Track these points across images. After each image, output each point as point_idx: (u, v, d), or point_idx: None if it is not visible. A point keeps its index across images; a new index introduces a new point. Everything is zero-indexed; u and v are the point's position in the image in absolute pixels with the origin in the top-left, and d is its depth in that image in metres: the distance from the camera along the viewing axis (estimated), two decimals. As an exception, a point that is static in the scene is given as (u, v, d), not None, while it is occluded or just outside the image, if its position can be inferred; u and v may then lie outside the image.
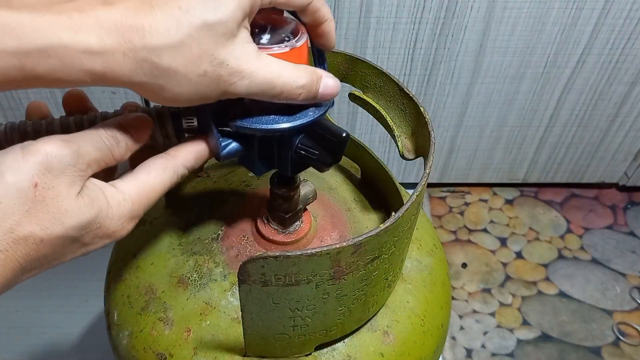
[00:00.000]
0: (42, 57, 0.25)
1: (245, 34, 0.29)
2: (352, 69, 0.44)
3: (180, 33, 0.27)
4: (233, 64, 0.28)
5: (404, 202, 0.33)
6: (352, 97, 0.45)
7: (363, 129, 1.01)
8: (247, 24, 0.29)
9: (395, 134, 0.42)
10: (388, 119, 0.43)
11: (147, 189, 0.32)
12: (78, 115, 0.34)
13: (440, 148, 1.07)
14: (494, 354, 0.93)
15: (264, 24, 0.33)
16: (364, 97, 0.44)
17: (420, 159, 0.40)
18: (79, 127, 0.34)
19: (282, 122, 0.33)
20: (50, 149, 0.27)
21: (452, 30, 0.87)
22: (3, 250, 0.26)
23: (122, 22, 0.26)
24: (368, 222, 0.48)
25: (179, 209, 0.49)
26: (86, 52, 0.26)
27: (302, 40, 0.33)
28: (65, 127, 0.34)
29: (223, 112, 0.33)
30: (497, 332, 0.95)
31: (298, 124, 0.33)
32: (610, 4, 0.85)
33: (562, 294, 1.01)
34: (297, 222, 0.44)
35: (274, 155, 0.36)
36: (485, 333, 0.95)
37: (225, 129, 0.34)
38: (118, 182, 0.31)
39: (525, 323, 0.97)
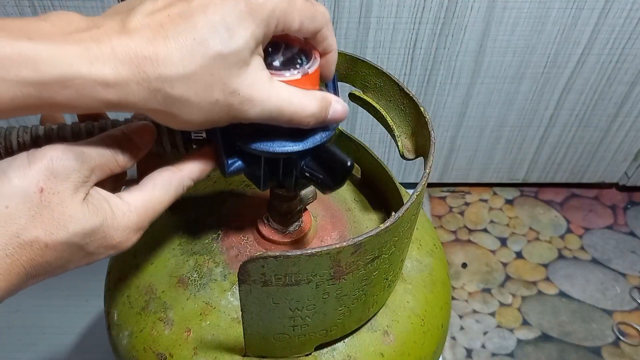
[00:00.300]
0: (59, 87, 0.25)
1: (258, 62, 0.29)
2: (352, 69, 0.44)
3: (193, 64, 0.27)
4: (244, 92, 0.28)
5: (404, 202, 0.33)
6: (352, 97, 0.45)
7: (363, 129, 1.01)
8: (260, 51, 0.29)
9: (395, 134, 0.42)
10: (388, 119, 0.43)
11: (153, 201, 0.32)
12: (89, 122, 0.35)
13: (440, 148, 1.07)
14: (494, 354, 0.93)
15: (277, 42, 0.32)
16: (364, 97, 0.44)
17: (420, 159, 0.40)
18: (90, 133, 0.34)
19: (290, 146, 0.33)
20: (55, 154, 0.28)
21: (452, 30, 0.87)
22: (9, 255, 0.26)
23: (136, 52, 0.26)
24: (368, 222, 0.48)
25: (179, 209, 0.48)
26: (102, 84, 0.26)
27: (315, 66, 0.33)
28: (77, 133, 0.34)
29: (231, 131, 0.33)
30: (497, 332, 0.95)
31: (305, 147, 0.33)
32: (610, 4, 0.85)
33: (562, 294, 1.01)
34: (297, 222, 0.44)
35: (279, 173, 0.36)
36: (485, 333, 0.95)
37: (231, 147, 0.34)
38: (124, 194, 0.31)
39: (525, 323, 0.97)
